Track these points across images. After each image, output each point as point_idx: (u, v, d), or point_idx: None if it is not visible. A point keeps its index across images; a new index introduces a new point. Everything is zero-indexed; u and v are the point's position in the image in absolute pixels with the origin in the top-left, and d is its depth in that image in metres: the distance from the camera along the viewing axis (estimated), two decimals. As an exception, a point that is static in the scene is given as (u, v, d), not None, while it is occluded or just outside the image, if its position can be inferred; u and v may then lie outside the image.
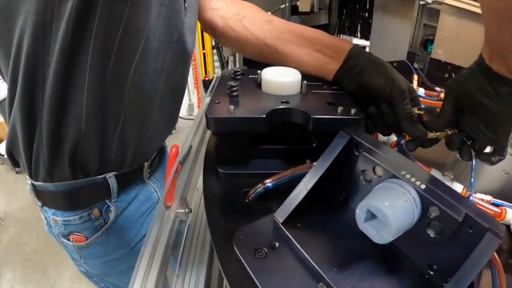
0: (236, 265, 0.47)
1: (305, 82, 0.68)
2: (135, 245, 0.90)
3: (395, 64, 1.45)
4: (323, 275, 0.42)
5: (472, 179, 0.65)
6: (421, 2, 1.55)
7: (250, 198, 0.59)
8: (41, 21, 0.56)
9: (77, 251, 0.84)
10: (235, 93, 0.65)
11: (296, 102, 0.64)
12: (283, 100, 0.63)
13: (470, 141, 0.59)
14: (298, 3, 1.13)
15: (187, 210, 0.73)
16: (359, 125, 0.60)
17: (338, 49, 0.72)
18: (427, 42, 1.42)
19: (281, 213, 0.50)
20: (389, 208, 0.39)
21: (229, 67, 1.53)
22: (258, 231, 0.51)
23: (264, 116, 0.58)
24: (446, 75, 1.39)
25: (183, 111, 3.78)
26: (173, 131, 3.53)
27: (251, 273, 0.44)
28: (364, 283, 0.43)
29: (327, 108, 0.63)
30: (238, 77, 0.75)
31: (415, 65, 1.40)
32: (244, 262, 0.46)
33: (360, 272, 0.44)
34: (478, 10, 1.12)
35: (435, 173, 0.65)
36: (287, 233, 0.48)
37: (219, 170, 0.66)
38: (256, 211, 0.57)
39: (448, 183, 0.64)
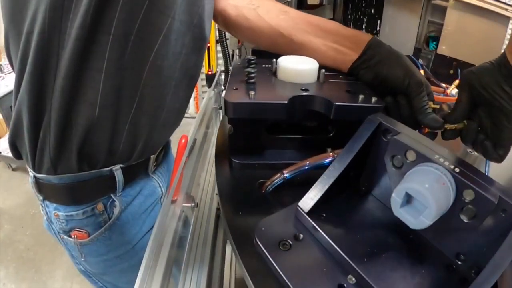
0: (257, 259, 0.45)
1: (323, 70, 0.66)
2: (137, 242, 0.87)
3: None
4: (354, 265, 0.40)
5: (487, 167, 0.65)
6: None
7: (267, 190, 0.56)
8: None
9: (78, 248, 0.81)
10: (252, 80, 0.63)
11: (315, 89, 0.62)
12: (303, 88, 0.61)
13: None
14: (306, -4, 1.11)
15: (193, 204, 0.71)
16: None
17: (356, 40, 0.71)
18: (429, 39, 1.41)
19: (306, 203, 0.47)
20: (429, 191, 0.37)
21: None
22: (281, 222, 0.48)
23: (286, 102, 0.56)
24: (451, 71, 1.39)
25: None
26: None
27: (276, 266, 0.42)
28: (396, 273, 0.41)
29: (348, 96, 0.61)
30: (252, 65, 0.73)
31: (420, 61, 1.40)
32: (268, 255, 0.43)
33: (390, 263, 0.42)
34: (485, 5, 1.11)
35: None
36: (313, 223, 0.45)
37: (233, 160, 0.63)
38: (274, 203, 0.55)
39: None
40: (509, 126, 0.53)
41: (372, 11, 1.36)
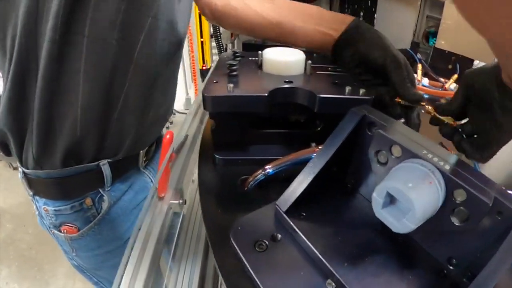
0: (233, 260, 0.42)
1: (310, 62, 0.63)
2: (129, 237, 0.85)
3: None
4: (333, 270, 0.37)
5: (476, 167, 0.62)
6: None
7: (249, 186, 0.54)
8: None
9: (68, 243, 0.81)
10: (234, 73, 0.60)
11: (300, 82, 0.59)
12: (287, 80, 0.58)
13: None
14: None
15: (181, 201, 0.70)
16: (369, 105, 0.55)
17: (339, 21, 0.70)
18: (429, 35, 1.38)
19: (284, 201, 0.44)
20: (413, 190, 0.33)
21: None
22: (258, 221, 0.45)
23: (266, 94, 0.53)
24: (450, 66, 1.36)
25: (180, 106, 3.72)
26: (170, 125, 3.51)
27: (249, 268, 0.39)
28: (379, 279, 0.37)
29: (334, 88, 0.58)
30: (238, 58, 0.70)
31: (418, 55, 1.37)
32: (242, 256, 0.40)
33: (374, 267, 0.39)
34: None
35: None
36: (291, 223, 0.42)
37: (216, 156, 0.61)
38: (256, 200, 0.52)
39: None
40: (496, 132, 0.51)
41: (369, 3, 1.34)
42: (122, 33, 0.59)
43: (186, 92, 3.80)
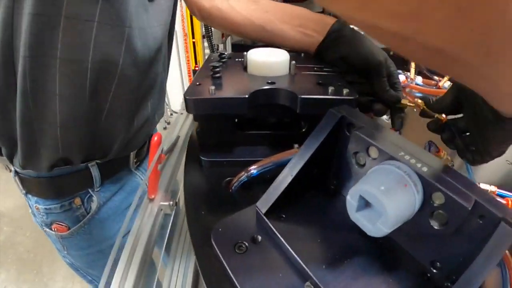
0: (214, 261, 0.42)
1: (294, 62, 0.63)
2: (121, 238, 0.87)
3: (391, 53, 1.41)
4: (310, 273, 0.36)
5: (470, 168, 0.61)
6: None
7: (233, 188, 0.54)
8: (9, 12, 0.53)
9: (60, 242, 0.82)
10: (218, 75, 0.60)
11: (283, 82, 0.59)
12: (269, 81, 0.58)
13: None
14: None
15: (171, 203, 0.70)
16: (352, 106, 0.55)
17: (322, 22, 0.72)
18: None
19: (264, 203, 0.44)
20: (385, 194, 0.32)
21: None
22: (239, 223, 0.45)
23: (246, 96, 0.53)
24: None
25: (177, 106, 3.71)
26: (167, 125, 3.50)
27: (228, 269, 0.39)
28: (358, 282, 0.37)
29: (317, 88, 0.57)
30: (224, 60, 0.71)
31: None
32: (222, 258, 0.40)
33: (353, 270, 0.38)
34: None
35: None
36: (270, 225, 0.42)
37: (202, 158, 0.61)
38: (241, 202, 0.52)
39: None
40: (490, 136, 0.49)
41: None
42: (99, 52, 0.59)
43: (183, 91, 3.72)
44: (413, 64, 1.23)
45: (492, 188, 0.60)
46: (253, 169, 0.53)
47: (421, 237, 0.38)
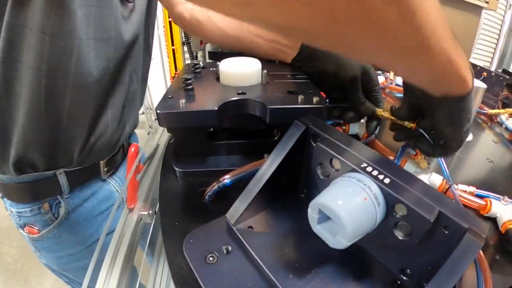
0: (186, 271, 0.43)
1: (265, 71, 0.64)
2: (92, 243, 0.90)
3: None
4: (277, 283, 0.37)
5: (445, 169, 0.62)
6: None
7: (206, 197, 0.54)
8: None
9: (32, 243, 0.86)
10: (189, 87, 0.61)
11: (254, 92, 0.60)
12: (240, 92, 0.59)
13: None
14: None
15: (151, 212, 0.71)
16: (322, 114, 0.56)
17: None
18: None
19: (233, 214, 0.45)
20: (342, 208, 0.32)
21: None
22: (210, 233, 0.46)
23: (215, 109, 0.54)
24: None
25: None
26: (150, 130, 3.50)
27: (199, 280, 0.40)
28: (318, 285, 0.38)
29: (287, 97, 0.59)
30: (198, 70, 0.72)
31: None
32: (193, 268, 0.41)
33: (321, 279, 0.39)
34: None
35: (411, 165, 0.62)
36: (239, 235, 0.43)
37: (176, 168, 0.62)
38: (214, 211, 0.53)
39: (426, 175, 0.61)
40: (439, 122, 0.51)
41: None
42: (52, 61, 0.61)
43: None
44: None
45: (471, 189, 0.62)
46: (226, 179, 0.53)
47: (389, 246, 0.39)
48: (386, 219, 0.36)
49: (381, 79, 1.21)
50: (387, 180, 0.35)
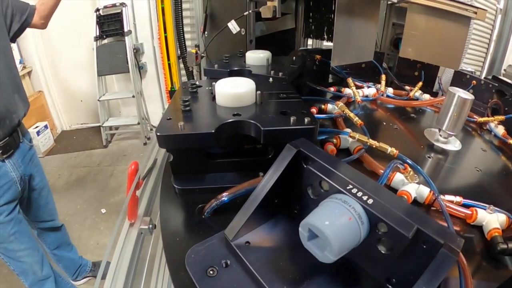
0: (189, 284, 0.45)
1: (259, 92, 0.67)
2: None
3: (363, 65, 1.48)
4: None
5: (431, 182, 0.66)
6: (389, 2, 1.56)
7: (205, 214, 0.57)
8: None
9: None
10: (187, 108, 0.64)
11: (248, 113, 0.63)
12: (235, 113, 0.62)
13: None
14: (260, 9, 1.11)
15: (150, 226, 0.73)
16: (313, 134, 0.59)
17: None
18: (398, 41, 1.41)
19: (231, 230, 0.48)
20: (329, 228, 0.37)
21: (195, 77, 1.56)
22: (211, 249, 0.49)
23: (213, 131, 0.57)
24: (416, 73, 1.41)
25: (157, 120, 3.58)
26: (147, 142, 3.52)
27: None
28: None
29: (280, 118, 0.62)
30: (195, 89, 0.75)
31: (384, 64, 1.41)
32: (195, 281, 0.44)
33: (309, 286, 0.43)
34: (443, 6, 1.12)
35: (400, 177, 0.66)
36: (237, 250, 0.46)
37: (175, 186, 0.64)
38: (213, 226, 0.56)
39: (414, 187, 0.65)
40: None
41: (332, 16, 1.38)
42: None
43: (163, 108, 3.78)
44: (383, 77, 1.28)
45: (457, 199, 0.65)
46: (224, 197, 0.56)
47: (375, 258, 0.42)
48: (370, 235, 0.40)
49: (372, 90, 1.23)
50: (370, 201, 0.39)
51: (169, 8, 2.86)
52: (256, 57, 1.08)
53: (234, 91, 0.67)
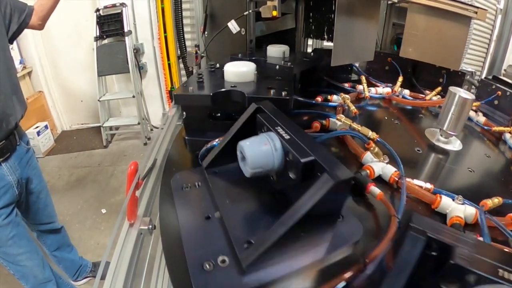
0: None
1: (255, 72, 0.91)
2: None
3: (387, 68, 1.47)
4: (218, 205, 0.57)
5: (400, 162, 0.75)
6: (389, 2, 1.56)
7: (199, 155, 0.74)
8: None
9: None
10: (200, 79, 0.89)
11: (243, 86, 0.86)
12: (232, 85, 0.86)
13: None
14: (260, 9, 1.11)
15: (150, 226, 0.72)
16: (287, 104, 0.80)
17: None
18: (399, 41, 1.41)
19: (206, 161, 0.67)
20: (248, 146, 0.53)
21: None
22: (191, 174, 0.69)
23: (210, 94, 0.81)
24: (441, 80, 1.36)
25: (157, 121, 3.76)
26: (148, 142, 3.53)
27: (175, 203, 0.61)
28: (249, 212, 0.56)
29: (264, 91, 0.83)
30: (213, 69, 1.01)
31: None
32: (173, 194, 0.63)
33: (247, 207, 0.57)
34: (443, 6, 1.12)
35: (370, 155, 0.77)
36: (206, 174, 0.65)
37: (186, 137, 0.89)
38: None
39: (381, 165, 0.75)
40: None
41: (333, 16, 1.37)
42: None
43: (163, 108, 3.82)
44: (400, 78, 1.28)
45: (428, 185, 0.69)
46: (214, 142, 0.72)
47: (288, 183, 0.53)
48: (285, 164, 0.53)
49: (386, 89, 1.24)
50: (287, 137, 0.53)
51: (169, 8, 2.87)
52: (275, 50, 1.22)
53: (235, 69, 0.90)
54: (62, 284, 1.63)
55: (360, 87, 1.28)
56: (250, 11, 1.20)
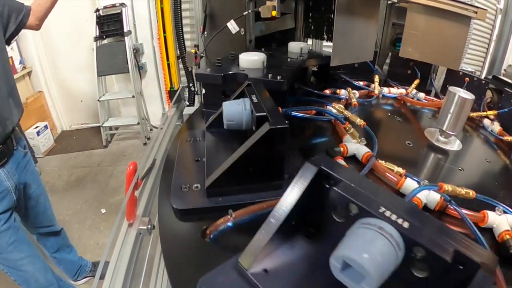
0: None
1: (264, 61, 1.06)
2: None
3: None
4: (206, 152, 0.70)
5: (376, 143, 0.81)
6: (389, 2, 1.56)
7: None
8: None
9: None
10: (219, 64, 1.04)
11: (251, 72, 1.00)
12: (242, 70, 1.02)
13: None
14: (259, 9, 1.11)
15: (149, 226, 0.72)
16: (281, 85, 0.94)
17: None
18: (399, 41, 1.41)
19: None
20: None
21: (194, 77, 1.61)
22: (196, 131, 0.90)
23: (222, 75, 0.97)
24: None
25: (157, 121, 3.74)
26: (147, 141, 3.53)
27: (177, 151, 0.67)
28: (222, 155, 0.56)
29: (265, 75, 0.98)
30: (233, 57, 1.15)
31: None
32: (179, 144, 0.66)
33: (224, 153, 0.57)
34: (443, 6, 1.12)
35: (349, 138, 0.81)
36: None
37: (203, 109, 1.06)
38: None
39: (356, 145, 0.81)
40: None
41: (332, 16, 1.37)
42: None
43: (163, 108, 3.79)
44: (416, 81, 1.30)
45: (400, 170, 0.71)
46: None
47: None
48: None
49: (400, 90, 1.30)
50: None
51: (169, 8, 2.86)
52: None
53: (247, 57, 1.06)
54: (63, 286, 1.62)
55: (373, 85, 1.35)
56: (250, 11, 1.20)
